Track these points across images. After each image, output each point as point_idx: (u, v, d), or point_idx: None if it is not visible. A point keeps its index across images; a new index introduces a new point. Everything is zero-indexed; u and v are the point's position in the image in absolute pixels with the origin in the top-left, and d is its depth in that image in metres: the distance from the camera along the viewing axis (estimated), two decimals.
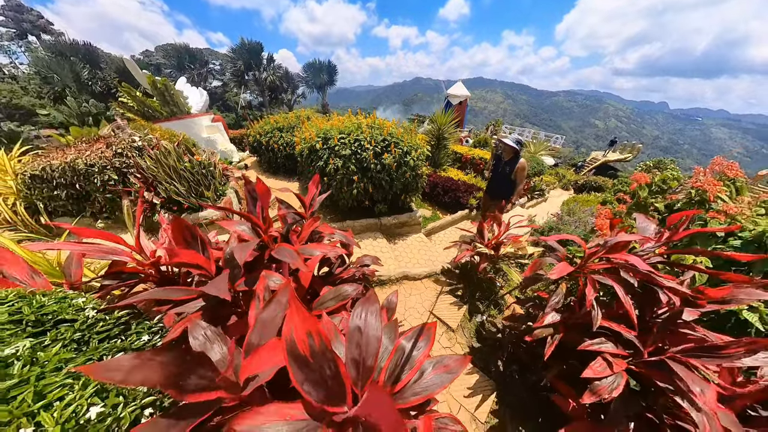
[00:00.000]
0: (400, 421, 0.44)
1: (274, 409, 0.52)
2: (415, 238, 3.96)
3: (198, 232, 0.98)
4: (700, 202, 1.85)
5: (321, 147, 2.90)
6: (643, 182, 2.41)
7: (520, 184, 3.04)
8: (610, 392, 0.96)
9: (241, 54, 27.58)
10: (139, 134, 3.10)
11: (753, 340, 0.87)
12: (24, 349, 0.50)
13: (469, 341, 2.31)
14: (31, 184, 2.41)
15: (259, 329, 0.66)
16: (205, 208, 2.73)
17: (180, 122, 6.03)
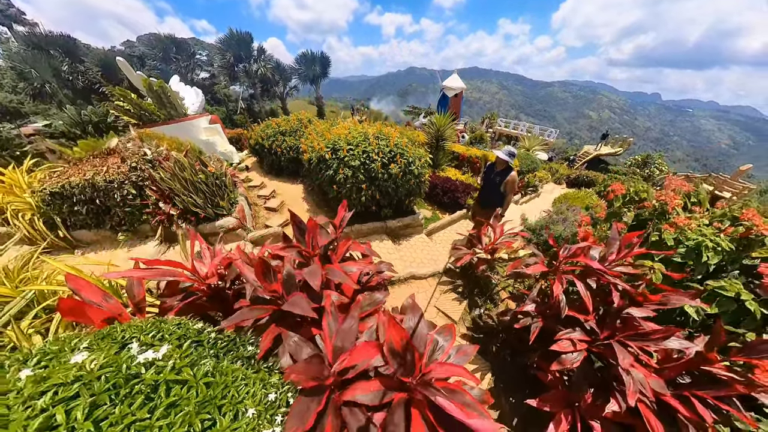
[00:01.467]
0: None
1: (362, 386, 0.84)
2: (418, 239, 4.20)
3: (270, 266, 1.18)
4: (662, 213, 2.21)
5: (330, 157, 3.06)
6: (618, 193, 2.76)
7: (509, 195, 3.05)
8: (572, 363, 1.31)
9: (230, 45, 26.65)
10: (148, 146, 3.18)
11: (668, 328, 1.24)
12: (211, 366, 0.71)
13: (468, 331, 2.66)
14: (51, 201, 2.49)
15: (342, 336, 0.97)
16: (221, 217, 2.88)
17: (178, 125, 5.90)
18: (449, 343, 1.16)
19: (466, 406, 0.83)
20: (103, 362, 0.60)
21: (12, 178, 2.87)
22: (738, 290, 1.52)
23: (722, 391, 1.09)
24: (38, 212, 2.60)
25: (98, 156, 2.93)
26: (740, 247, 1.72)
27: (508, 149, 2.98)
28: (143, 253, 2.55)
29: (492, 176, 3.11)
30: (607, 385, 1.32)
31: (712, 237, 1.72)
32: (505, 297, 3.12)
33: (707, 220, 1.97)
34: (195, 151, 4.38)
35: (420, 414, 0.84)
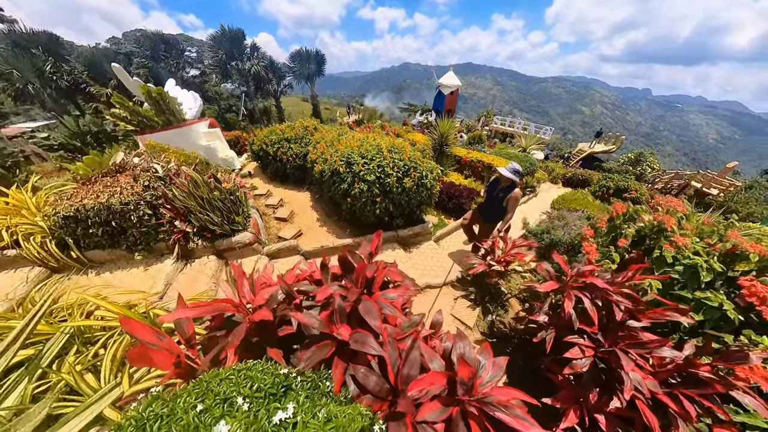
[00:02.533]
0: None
1: (428, 407, 1.02)
2: (427, 246, 4.29)
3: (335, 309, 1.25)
4: (660, 230, 2.52)
5: (344, 170, 3.08)
6: (620, 212, 2.98)
7: (510, 213, 3.03)
8: (581, 368, 1.56)
9: (222, 42, 25.99)
10: (157, 160, 3.14)
11: (662, 340, 1.52)
12: (326, 411, 0.75)
13: (483, 336, 2.84)
14: (65, 224, 2.44)
15: (409, 365, 1.12)
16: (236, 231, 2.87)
17: (177, 131, 5.83)
18: (488, 360, 1.36)
19: (519, 419, 1.01)
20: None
21: (19, 200, 2.79)
22: (721, 300, 1.84)
23: (705, 389, 1.35)
24: (51, 235, 2.55)
25: (108, 174, 2.88)
26: (726, 260, 2.07)
27: (513, 167, 2.96)
28: (161, 271, 2.54)
29: (495, 192, 3.11)
30: (610, 384, 1.54)
31: (705, 258, 2.05)
32: (518, 310, 3.28)
33: (697, 237, 2.32)
34: (202, 163, 4.33)
35: (478, 426, 1.01)
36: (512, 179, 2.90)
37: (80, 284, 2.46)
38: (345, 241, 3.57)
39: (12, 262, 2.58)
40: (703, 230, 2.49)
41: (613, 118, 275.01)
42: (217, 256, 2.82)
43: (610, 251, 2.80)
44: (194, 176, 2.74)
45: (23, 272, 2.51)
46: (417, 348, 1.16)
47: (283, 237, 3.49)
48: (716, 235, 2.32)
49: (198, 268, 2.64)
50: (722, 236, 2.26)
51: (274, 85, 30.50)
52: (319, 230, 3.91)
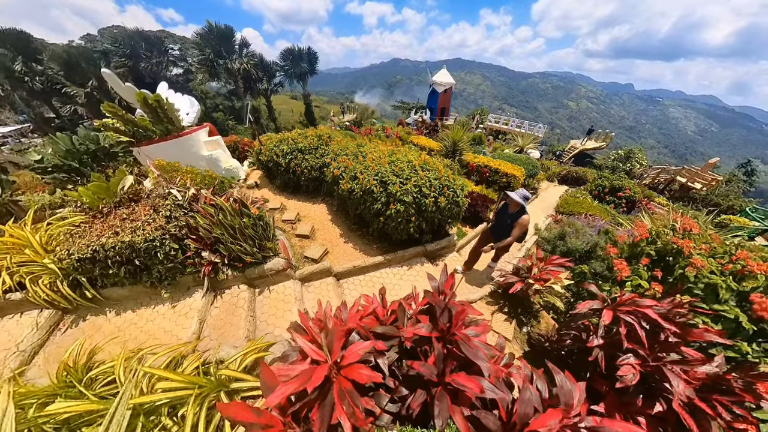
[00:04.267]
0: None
1: None
2: (452, 257, 4.25)
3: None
4: (678, 252, 2.86)
5: (378, 190, 2.95)
6: (644, 236, 3.23)
7: (512, 238, 3.05)
8: (631, 381, 1.75)
9: (209, 40, 24.86)
10: (171, 183, 2.90)
11: (704, 359, 1.75)
12: None
13: (521, 347, 3.01)
14: (80, 266, 2.18)
15: (524, 405, 1.20)
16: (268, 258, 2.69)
17: (176, 141, 5.43)
18: (575, 387, 1.47)
19: None
20: None
21: (19, 236, 2.45)
22: (736, 313, 2.21)
23: (735, 398, 1.56)
24: (63, 277, 2.27)
25: (122, 203, 2.60)
26: (736, 277, 2.44)
27: (523, 193, 2.98)
28: (191, 307, 2.34)
29: (504, 217, 3.12)
30: (651, 391, 1.78)
31: (722, 278, 2.42)
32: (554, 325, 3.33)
33: (710, 255, 2.72)
34: (216, 180, 4.06)
35: None
36: (521, 205, 2.91)
37: (99, 326, 2.26)
38: (376, 260, 3.48)
39: (17, 305, 2.31)
40: (716, 250, 2.85)
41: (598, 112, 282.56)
42: (247, 285, 2.64)
43: (637, 269, 3.02)
44: (220, 203, 2.54)
45: (31, 317, 2.25)
46: (529, 390, 1.26)
47: (310, 257, 3.34)
48: (727, 255, 2.73)
49: (231, 300, 2.46)
50: (731, 255, 2.67)
51: (264, 84, 29.60)
52: (344, 247, 3.77)
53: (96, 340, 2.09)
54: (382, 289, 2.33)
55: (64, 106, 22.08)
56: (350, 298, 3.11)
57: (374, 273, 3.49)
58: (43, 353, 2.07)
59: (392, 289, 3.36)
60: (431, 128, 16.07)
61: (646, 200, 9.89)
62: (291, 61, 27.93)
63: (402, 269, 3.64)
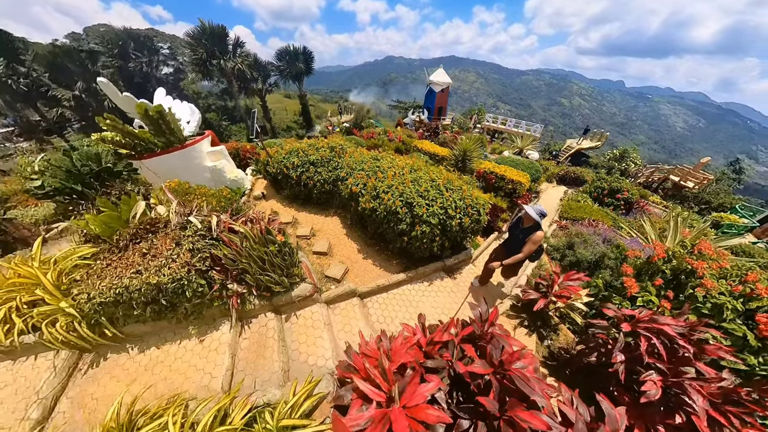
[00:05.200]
0: None
1: None
2: (468, 270, 4.25)
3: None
4: (691, 272, 3.05)
5: (403, 212, 2.90)
6: (662, 256, 3.37)
7: (523, 254, 2.91)
8: (654, 396, 1.86)
9: (200, 40, 24.17)
10: (188, 208, 2.76)
11: (720, 377, 1.91)
12: None
13: (543, 361, 3.10)
14: (102, 309, 2.06)
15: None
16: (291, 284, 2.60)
17: (179, 153, 5.21)
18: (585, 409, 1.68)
19: None
20: None
21: (27, 274, 2.26)
22: (744, 331, 2.46)
23: (745, 409, 1.72)
24: (82, 319, 2.13)
25: (138, 235, 2.44)
26: (745, 299, 2.66)
27: (539, 209, 2.87)
28: (220, 341, 2.24)
29: (517, 232, 3.02)
30: (670, 402, 1.91)
31: (729, 299, 2.65)
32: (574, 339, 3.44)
33: (721, 276, 2.97)
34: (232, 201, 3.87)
35: None
36: (536, 220, 2.83)
37: (123, 365, 2.15)
38: (398, 277, 3.45)
39: (29, 348, 2.16)
40: (727, 271, 3.10)
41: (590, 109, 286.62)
42: (274, 312, 2.57)
43: (647, 285, 3.19)
44: (245, 231, 2.45)
45: (47, 359, 2.12)
46: (579, 420, 1.41)
47: (332, 276, 3.28)
48: (737, 277, 2.99)
49: (259, 330, 2.38)
50: (741, 277, 2.91)
51: (259, 84, 29.08)
52: (363, 264, 3.71)
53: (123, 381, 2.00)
54: (421, 317, 2.30)
55: (51, 108, 21.25)
56: (376, 318, 3.08)
57: (396, 290, 3.46)
58: (66, 398, 1.96)
59: (416, 306, 3.34)
60: (432, 130, 16.03)
61: (643, 201, 10.07)
62: (287, 61, 27.46)
63: (423, 285, 3.63)
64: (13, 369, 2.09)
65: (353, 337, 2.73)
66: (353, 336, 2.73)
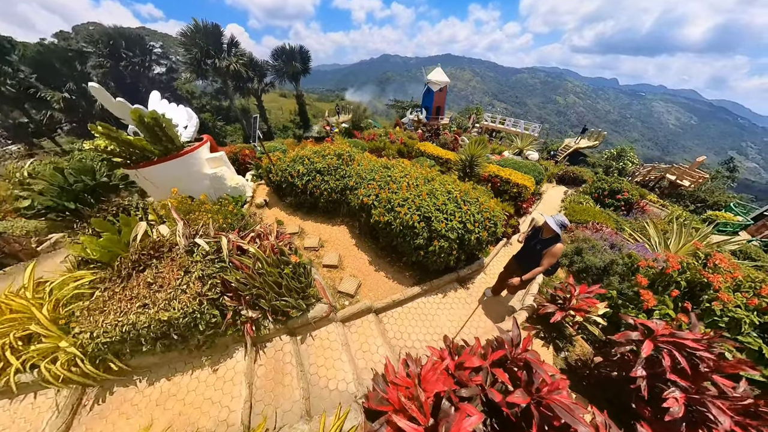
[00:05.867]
0: None
1: None
2: (479, 279, 4.18)
3: None
4: (707, 285, 3.07)
5: (420, 227, 2.80)
6: (676, 267, 3.38)
7: (542, 267, 2.75)
8: (678, 414, 1.87)
9: (194, 39, 23.64)
10: (194, 229, 2.59)
11: (745, 395, 1.88)
12: None
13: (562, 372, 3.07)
14: (107, 347, 1.92)
15: None
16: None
17: (178, 161, 4.91)
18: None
19: None
20: None
21: (21, 307, 2.07)
22: (759, 345, 2.51)
23: (764, 422, 1.74)
24: (85, 357, 1.98)
25: (142, 262, 2.26)
26: (759, 312, 2.68)
27: (561, 219, 2.66)
28: (235, 370, 2.11)
29: (534, 242, 2.82)
30: (692, 417, 1.92)
31: (747, 313, 2.68)
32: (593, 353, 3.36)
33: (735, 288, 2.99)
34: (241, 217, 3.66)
35: None
36: (556, 232, 2.66)
37: (131, 399, 2.00)
38: (413, 291, 3.35)
39: (28, 386, 2.01)
40: (741, 282, 3.10)
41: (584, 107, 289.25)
42: (289, 335, 2.46)
43: (664, 299, 3.17)
44: (257, 253, 2.31)
45: (47, 397, 1.96)
46: None
47: (345, 292, 3.17)
48: (751, 288, 2.99)
49: (275, 355, 2.26)
50: (756, 289, 2.92)
51: (255, 83, 28.64)
52: (375, 276, 3.60)
53: (133, 418, 1.86)
54: (446, 339, 2.21)
55: (40, 111, 20.62)
56: (392, 335, 2.99)
57: (411, 303, 3.37)
58: None
59: (432, 319, 3.27)
60: (433, 131, 15.91)
61: (643, 201, 10.13)
62: (283, 61, 27.08)
63: (437, 297, 3.54)
64: (11, 409, 1.94)
65: (372, 356, 2.64)
66: (372, 356, 2.64)
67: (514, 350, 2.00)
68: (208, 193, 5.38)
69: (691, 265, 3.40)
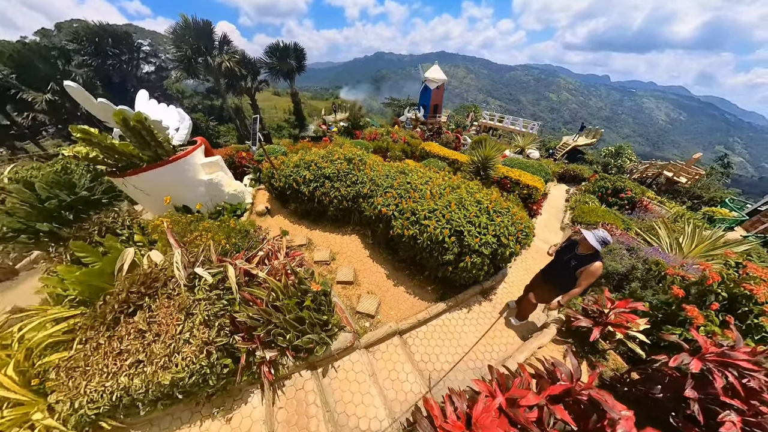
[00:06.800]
0: None
1: None
2: (502, 289, 3.97)
3: None
4: (750, 297, 2.89)
5: (451, 241, 2.53)
6: (716, 279, 3.17)
7: (580, 288, 2.47)
8: None
9: (183, 37, 22.76)
10: (192, 256, 2.15)
11: None
12: None
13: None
14: (95, 416, 1.58)
15: None
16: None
17: (170, 168, 4.41)
18: None
19: None
20: None
21: None
22: None
23: None
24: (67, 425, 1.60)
25: (132, 302, 1.87)
26: None
27: (602, 235, 2.36)
28: (252, 418, 1.81)
29: (568, 257, 2.53)
30: None
31: None
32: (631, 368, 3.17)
33: None
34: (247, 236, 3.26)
35: None
36: (596, 249, 2.37)
37: None
38: (439, 308, 3.11)
39: None
40: None
41: (577, 103, 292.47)
42: (309, 369, 2.17)
43: (709, 315, 2.97)
44: (272, 283, 2.01)
45: None
46: None
47: (364, 312, 2.89)
48: None
49: (296, 395, 1.98)
50: None
51: (249, 82, 27.93)
52: (395, 292, 3.34)
53: None
54: (493, 371, 1.97)
55: (21, 114, 19.68)
56: (420, 357, 2.73)
57: (435, 321, 3.11)
58: None
59: (459, 337, 3.04)
60: (435, 130, 15.64)
61: (646, 200, 10.09)
62: (277, 58, 26.39)
63: (462, 312, 3.30)
64: None
65: (402, 385, 2.37)
66: (402, 384, 2.38)
67: (575, 384, 1.78)
68: (204, 201, 4.98)
69: (729, 276, 3.21)
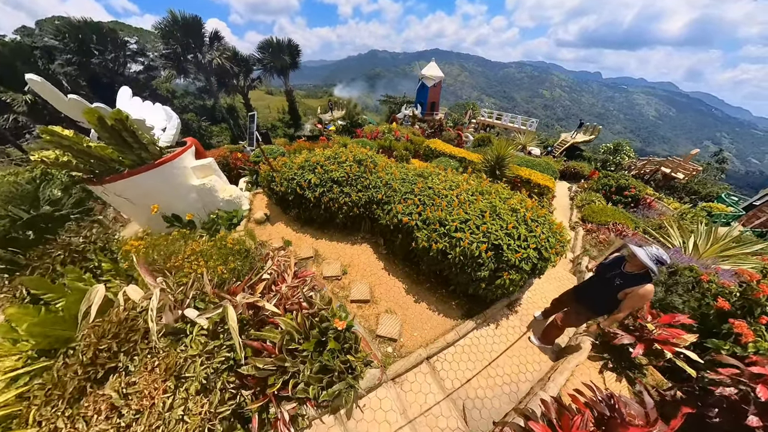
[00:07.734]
0: None
1: None
2: (525, 299, 3.71)
3: None
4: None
5: (487, 257, 2.22)
6: (765, 292, 2.91)
7: (624, 312, 2.16)
8: None
9: (172, 32, 21.87)
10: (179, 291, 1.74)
11: None
12: None
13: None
14: None
15: None
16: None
17: (155, 172, 3.87)
18: None
19: None
20: None
21: None
22: None
23: None
24: None
25: (102, 361, 1.39)
26: None
27: (658, 254, 1.99)
28: None
29: (612, 275, 2.19)
30: None
31: None
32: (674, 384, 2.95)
33: None
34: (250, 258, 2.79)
35: None
36: (650, 269, 1.99)
37: None
38: (467, 327, 2.83)
39: None
40: None
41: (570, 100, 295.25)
42: (332, 413, 1.86)
43: (760, 329, 2.76)
44: (286, 325, 1.65)
45: None
46: None
47: (386, 336, 2.57)
48: None
49: None
50: None
51: (241, 79, 27.17)
52: (416, 309, 3.04)
53: None
54: (545, 404, 1.69)
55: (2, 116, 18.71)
56: (450, 384, 2.44)
57: (462, 341, 2.82)
58: None
59: (490, 356, 2.76)
60: (436, 127, 15.35)
61: (649, 198, 10.01)
62: (270, 54, 25.67)
63: (490, 328, 3.04)
64: None
65: (436, 421, 2.08)
66: (436, 420, 2.09)
67: (651, 429, 1.52)
68: (196, 209, 4.48)
69: None
